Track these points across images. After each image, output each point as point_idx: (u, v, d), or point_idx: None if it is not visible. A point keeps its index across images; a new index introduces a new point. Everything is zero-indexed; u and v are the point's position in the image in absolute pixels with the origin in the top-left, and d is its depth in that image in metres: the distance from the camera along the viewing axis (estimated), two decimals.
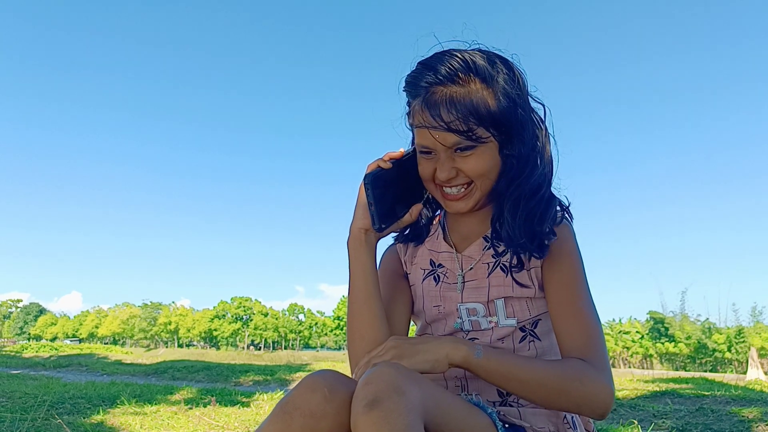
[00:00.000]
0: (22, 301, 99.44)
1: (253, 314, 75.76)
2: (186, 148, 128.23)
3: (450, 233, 1.23)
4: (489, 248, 1.16)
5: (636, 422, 3.95)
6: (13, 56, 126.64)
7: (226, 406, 4.65)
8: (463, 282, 1.16)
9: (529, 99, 1.11)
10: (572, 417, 1.13)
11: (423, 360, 0.98)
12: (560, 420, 1.11)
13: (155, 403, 4.58)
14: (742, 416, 3.88)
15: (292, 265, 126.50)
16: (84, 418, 3.79)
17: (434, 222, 1.28)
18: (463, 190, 1.10)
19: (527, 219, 1.07)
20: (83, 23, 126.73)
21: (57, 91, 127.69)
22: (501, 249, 1.14)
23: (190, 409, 4.33)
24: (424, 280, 1.22)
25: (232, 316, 75.59)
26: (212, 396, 5.13)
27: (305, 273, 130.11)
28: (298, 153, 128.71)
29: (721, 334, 46.01)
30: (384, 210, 1.12)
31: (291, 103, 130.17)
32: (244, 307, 75.91)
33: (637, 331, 54.02)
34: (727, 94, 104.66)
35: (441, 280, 1.19)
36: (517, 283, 1.12)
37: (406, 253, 1.28)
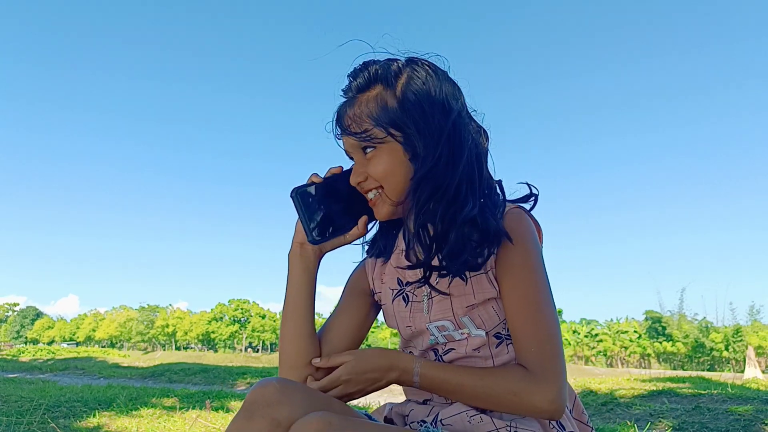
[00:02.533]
0: (18, 304, 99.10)
1: (251, 316, 75.61)
2: (182, 150, 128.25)
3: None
4: None
5: (632, 422, 3.96)
6: (7, 57, 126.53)
7: (223, 408, 4.65)
8: (430, 298, 1.12)
9: (450, 102, 1.06)
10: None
11: (370, 391, 1.10)
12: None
13: (151, 406, 4.57)
14: (739, 415, 3.88)
15: None
16: (80, 421, 3.78)
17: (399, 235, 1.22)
18: (377, 194, 1.09)
19: (442, 233, 1.02)
20: (82, 24, 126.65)
21: (53, 93, 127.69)
22: None
23: (186, 411, 4.33)
24: (393, 300, 1.18)
25: (230, 319, 75.45)
26: (208, 399, 5.13)
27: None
28: (296, 155, 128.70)
29: (718, 333, 46.13)
30: (319, 223, 1.12)
31: (289, 106, 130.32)
32: (241, 309, 75.77)
33: (634, 331, 54.14)
34: (725, 95, 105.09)
35: (410, 299, 1.16)
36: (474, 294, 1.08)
37: (374, 270, 1.24)
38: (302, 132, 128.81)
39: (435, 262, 1.04)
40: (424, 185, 1.01)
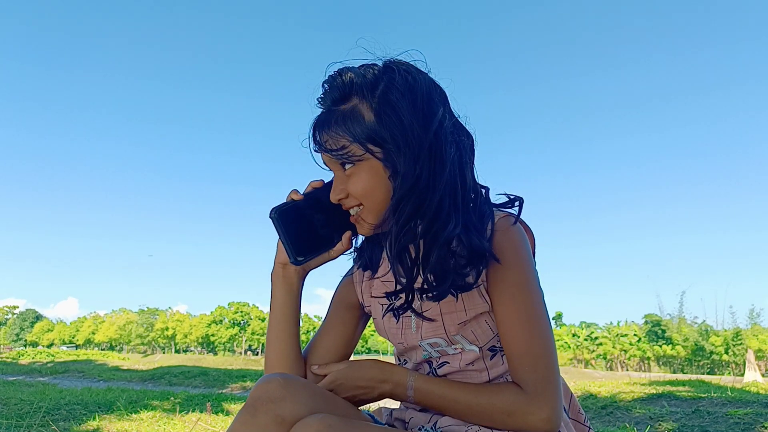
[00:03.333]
0: (18, 307, 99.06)
1: (251, 319, 75.50)
2: (182, 150, 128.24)
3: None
4: None
5: (632, 425, 3.96)
6: (6, 58, 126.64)
7: (222, 411, 4.65)
8: (420, 312, 1.08)
9: (431, 110, 0.99)
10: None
11: (364, 401, 1.10)
12: None
13: (151, 409, 4.57)
14: (738, 418, 3.89)
15: None
16: (79, 424, 3.79)
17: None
18: (359, 210, 1.05)
19: (425, 255, 0.98)
20: (81, 25, 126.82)
21: (52, 94, 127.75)
22: None
23: (186, 414, 4.33)
24: (384, 316, 1.16)
25: (230, 322, 75.35)
26: (208, 401, 5.13)
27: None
28: (297, 156, 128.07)
29: (718, 336, 46.15)
30: (300, 242, 1.08)
31: (290, 105, 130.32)
32: (241, 312, 75.67)
33: (634, 334, 54.11)
34: (724, 96, 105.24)
35: (401, 314, 1.13)
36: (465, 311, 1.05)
37: (362, 283, 1.20)
38: (303, 132, 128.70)
39: (418, 283, 1.00)
40: (404, 205, 0.96)
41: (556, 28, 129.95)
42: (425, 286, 0.99)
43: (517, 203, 1.06)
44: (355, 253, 1.19)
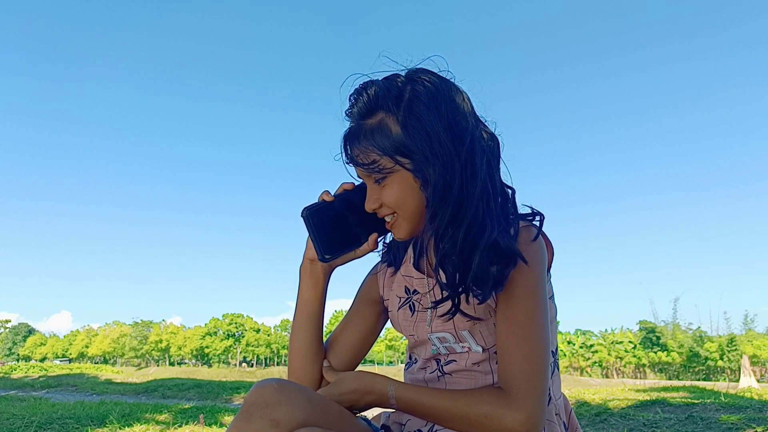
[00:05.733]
0: (10, 321, 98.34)
1: (245, 331, 75.29)
2: (174, 162, 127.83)
3: (428, 256, 1.19)
4: None
5: (626, 431, 3.97)
6: (5, 70, 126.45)
7: (216, 423, 4.63)
8: (434, 309, 1.12)
9: (457, 120, 1.03)
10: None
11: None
12: None
13: (145, 422, 4.55)
14: (732, 424, 3.90)
15: (283, 280, 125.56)
16: None
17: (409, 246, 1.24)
18: (394, 218, 1.10)
19: (466, 261, 1.00)
20: (88, 37, 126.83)
21: (44, 107, 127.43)
22: None
23: (180, 427, 4.31)
24: (399, 308, 1.21)
25: (224, 333, 75.08)
26: (202, 414, 5.10)
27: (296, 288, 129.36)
28: (291, 166, 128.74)
29: (713, 342, 46.32)
30: (329, 241, 1.15)
31: (286, 116, 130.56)
32: (235, 323, 75.44)
33: (629, 341, 54.22)
34: (718, 103, 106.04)
35: (416, 308, 1.18)
36: (475, 317, 1.08)
37: (385, 277, 1.26)
38: (299, 143, 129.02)
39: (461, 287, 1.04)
40: (441, 213, 1.00)
41: (555, 34, 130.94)
42: (469, 291, 1.02)
43: (538, 218, 1.09)
44: (384, 249, 1.25)
